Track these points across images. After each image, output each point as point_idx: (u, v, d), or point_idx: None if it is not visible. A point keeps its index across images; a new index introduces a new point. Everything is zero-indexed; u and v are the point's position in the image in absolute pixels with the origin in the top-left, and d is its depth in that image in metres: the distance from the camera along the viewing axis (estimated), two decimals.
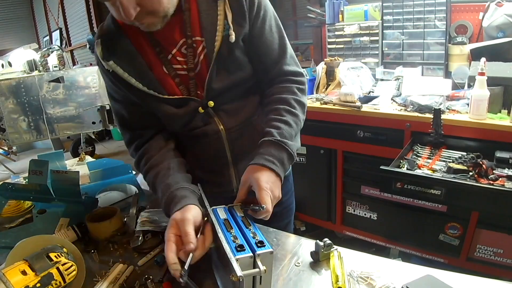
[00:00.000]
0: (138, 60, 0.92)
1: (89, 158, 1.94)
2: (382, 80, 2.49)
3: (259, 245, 0.69)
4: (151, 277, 0.85)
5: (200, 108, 0.97)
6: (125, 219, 1.16)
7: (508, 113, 1.74)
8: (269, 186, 0.82)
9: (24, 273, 0.74)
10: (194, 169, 1.06)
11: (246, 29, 0.94)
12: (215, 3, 0.91)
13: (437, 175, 1.57)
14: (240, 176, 0.97)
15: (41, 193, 1.29)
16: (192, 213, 0.80)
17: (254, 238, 0.72)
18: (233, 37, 0.90)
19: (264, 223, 1.14)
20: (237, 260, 0.65)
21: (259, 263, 0.67)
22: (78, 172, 1.31)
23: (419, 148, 1.85)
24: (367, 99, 2.23)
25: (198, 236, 0.78)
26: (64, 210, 1.25)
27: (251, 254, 0.67)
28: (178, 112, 0.96)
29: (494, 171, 1.54)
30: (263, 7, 0.96)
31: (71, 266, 0.83)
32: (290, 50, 1.04)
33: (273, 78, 1.03)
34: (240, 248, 0.68)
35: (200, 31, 0.92)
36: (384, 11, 2.49)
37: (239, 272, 0.62)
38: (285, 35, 1.03)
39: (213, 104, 0.97)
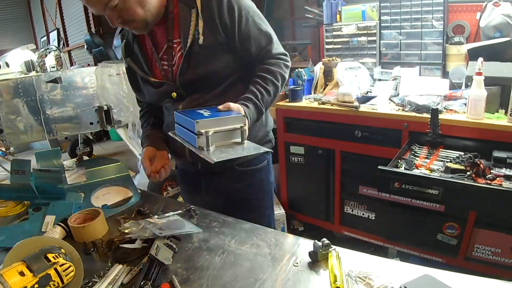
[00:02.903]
0: (142, 57, 1.25)
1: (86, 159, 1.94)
2: (380, 80, 2.50)
3: None
4: (148, 282, 0.85)
5: (173, 93, 1.22)
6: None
7: (506, 113, 1.75)
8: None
9: (22, 274, 0.74)
10: (168, 138, 1.32)
11: (220, 38, 1.14)
12: (189, 11, 1.14)
13: (435, 175, 1.57)
14: (191, 152, 1.17)
15: (24, 191, 1.30)
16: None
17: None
18: (201, 40, 1.13)
19: (232, 209, 1.30)
20: None
21: None
22: (61, 170, 1.33)
23: (417, 148, 1.85)
24: (365, 99, 2.23)
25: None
26: (49, 208, 1.26)
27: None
28: (157, 91, 1.25)
29: (491, 171, 1.54)
30: (243, 9, 1.15)
31: (69, 267, 0.83)
32: (274, 36, 1.23)
33: (262, 58, 1.21)
34: None
35: (179, 34, 1.17)
36: (381, 11, 2.49)
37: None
38: (266, 21, 1.22)
39: (184, 92, 1.21)
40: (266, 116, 1.36)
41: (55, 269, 0.79)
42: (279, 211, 2.61)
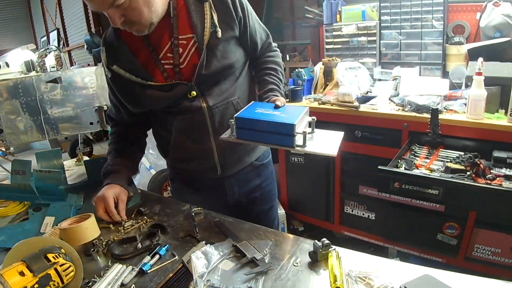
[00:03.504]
0: (134, 61, 1.14)
1: (86, 159, 1.94)
2: (380, 80, 2.50)
3: None
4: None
5: (193, 92, 1.15)
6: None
7: (506, 113, 1.75)
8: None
9: (22, 274, 0.74)
10: (181, 144, 1.25)
11: (236, 32, 1.16)
12: (201, 4, 1.11)
13: (435, 175, 1.57)
14: (220, 149, 1.22)
15: (24, 192, 1.30)
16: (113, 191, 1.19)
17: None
18: (219, 34, 1.11)
19: (247, 206, 1.37)
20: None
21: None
22: (61, 171, 1.32)
23: (417, 148, 1.85)
24: (365, 99, 2.23)
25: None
26: (48, 209, 1.26)
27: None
28: (167, 94, 1.15)
29: (491, 171, 1.54)
30: (247, 4, 1.19)
31: (69, 267, 0.83)
32: (265, 27, 1.32)
33: (265, 51, 1.32)
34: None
35: (191, 29, 1.12)
36: (381, 11, 2.49)
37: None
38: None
39: (200, 89, 1.15)
40: None
41: (55, 269, 0.79)
42: (279, 211, 2.61)
